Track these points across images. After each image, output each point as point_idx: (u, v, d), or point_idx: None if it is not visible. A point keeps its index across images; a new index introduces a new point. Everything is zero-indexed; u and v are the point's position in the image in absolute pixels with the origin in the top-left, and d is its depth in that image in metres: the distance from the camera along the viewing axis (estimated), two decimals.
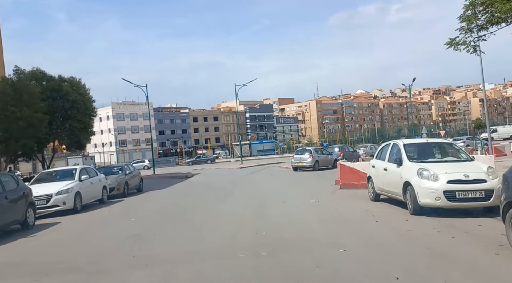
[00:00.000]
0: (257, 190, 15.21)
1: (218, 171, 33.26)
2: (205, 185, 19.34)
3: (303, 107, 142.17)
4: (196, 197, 14.28)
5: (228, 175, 26.29)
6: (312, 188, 14.47)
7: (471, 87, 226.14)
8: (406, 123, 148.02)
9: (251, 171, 28.75)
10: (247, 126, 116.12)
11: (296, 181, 17.99)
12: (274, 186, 16.64)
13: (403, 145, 8.59)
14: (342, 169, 13.17)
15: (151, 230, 8.04)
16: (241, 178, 22.29)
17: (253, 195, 13.21)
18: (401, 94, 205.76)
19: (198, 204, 11.99)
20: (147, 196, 16.47)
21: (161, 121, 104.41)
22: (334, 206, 9.45)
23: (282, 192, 13.75)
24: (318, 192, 13.04)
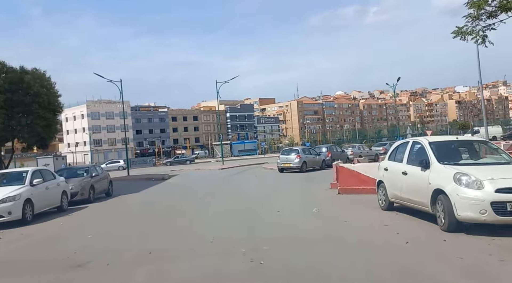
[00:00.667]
0: (243, 195, 13.37)
1: (197, 172, 31.27)
2: (183, 189, 17.35)
3: (284, 107, 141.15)
4: (171, 205, 12.33)
5: (209, 176, 24.39)
6: (306, 193, 12.78)
7: (446, 89, 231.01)
8: (385, 124, 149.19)
9: (233, 172, 26.93)
10: (227, 126, 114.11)
11: (285, 184, 16.24)
12: (262, 190, 14.81)
13: (428, 143, 6.94)
14: (341, 171, 11.52)
15: (104, 258, 5.79)
16: (223, 180, 20.43)
17: (240, 202, 11.40)
18: (379, 96, 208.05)
19: (173, 215, 10.07)
20: (116, 202, 14.42)
21: (138, 120, 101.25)
22: (342, 217, 7.70)
23: (273, 198, 11.97)
24: (314, 197, 11.36)
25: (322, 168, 23.72)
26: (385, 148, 30.16)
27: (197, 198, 13.28)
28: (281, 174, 21.95)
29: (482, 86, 19.85)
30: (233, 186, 16.83)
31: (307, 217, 8.09)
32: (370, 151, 28.83)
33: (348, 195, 11.06)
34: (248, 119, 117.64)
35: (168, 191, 17.11)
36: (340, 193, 11.33)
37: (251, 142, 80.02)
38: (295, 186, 15.39)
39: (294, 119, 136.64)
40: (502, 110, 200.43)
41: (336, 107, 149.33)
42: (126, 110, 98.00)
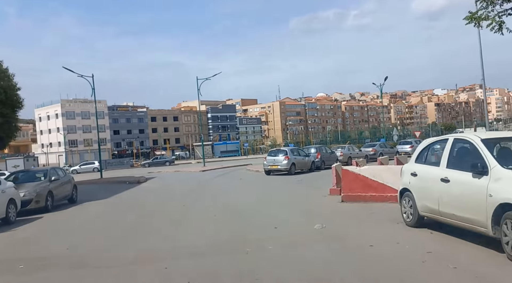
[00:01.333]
0: (229, 203, 11.38)
1: (177, 174, 29.14)
2: (159, 195, 15.28)
3: (266, 108, 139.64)
4: (141, 216, 10.31)
5: (189, 179, 22.36)
6: (303, 200, 10.97)
7: (425, 92, 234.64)
8: (367, 125, 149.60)
9: (215, 174, 24.97)
10: (209, 127, 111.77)
11: (275, 189, 14.37)
12: (250, 196, 12.85)
13: (481, 141, 5.21)
14: (346, 175, 9.74)
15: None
16: (205, 184, 18.44)
17: (226, 213, 9.51)
18: (360, 98, 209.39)
19: (141, 231, 8.06)
20: (77, 211, 12.28)
21: (116, 120, 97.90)
22: (363, 240, 5.80)
23: (265, 208, 10.09)
24: (315, 206, 9.57)
25: (312, 170, 22.05)
26: (375, 149, 28.79)
27: (174, 207, 11.29)
28: (268, 177, 20.13)
29: (485, 89, 18.53)
30: (216, 192, 14.87)
31: (315, 239, 6.19)
32: (360, 152, 27.35)
33: (354, 203, 9.33)
34: (230, 120, 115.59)
35: (142, 197, 15.04)
36: (344, 200, 9.57)
37: (234, 142, 77.94)
38: (287, 191, 13.59)
39: (276, 121, 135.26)
40: (479, 113, 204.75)
41: (319, 108, 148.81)
42: (103, 110, 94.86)
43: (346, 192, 9.62)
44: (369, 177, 9.36)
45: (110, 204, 13.37)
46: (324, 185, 14.32)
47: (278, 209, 9.64)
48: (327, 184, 14.38)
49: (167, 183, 21.05)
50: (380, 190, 9.21)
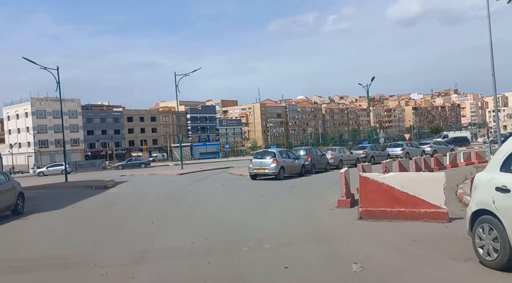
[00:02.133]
0: (214, 221, 8.66)
1: (151, 178, 26.45)
2: (124, 205, 12.60)
3: (246, 110, 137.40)
4: (98, 236, 7.79)
5: (164, 184, 19.79)
6: (305, 215, 8.65)
7: (402, 96, 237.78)
8: (346, 128, 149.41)
9: (194, 178, 22.47)
10: (188, 128, 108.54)
11: (267, 199, 11.93)
12: (240, 209, 10.27)
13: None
14: (365, 184, 7.49)
15: None
16: (181, 191, 15.94)
17: (209, 236, 7.05)
18: (339, 101, 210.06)
19: (90, 261, 5.60)
20: (18, 226, 9.62)
21: (90, 120, 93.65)
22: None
23: (261, 228, 7.57)
24: (325, 226, 7.27)
25: (301, 175, 19.88)
26: (366, 151, 26.92)
27: (139, 224, 8.78)
28: (255, 182, 17.81)
29: (496, 93, 16.84)
30: (195, 201, 12.38)
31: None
32: (351, 154, 25.39)
33: (377, 221, 7.12)
34: (209, 121, 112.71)
35: (102, 208, 12.39)
36: (363, 217, 7.33)
37: (214, 144, 75.10)
38: (281, 201, 11.24)
39: (257, 122, 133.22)
40: (454, 117, 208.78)
41: (299, 110, 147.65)
42: (76, 109, 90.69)
43: (366, 206, 7.39)
44: (396, 187, 7.16)
45: (60, 217, 10.70)
46: (324, 193, 12.14)
47: (280, 230, 7.27)
48: (327, 192, 12.21)
49: (138, 188, 18.42)
50: (410, 204, 7.03)
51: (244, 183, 17.58)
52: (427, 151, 31.60)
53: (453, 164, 22.10)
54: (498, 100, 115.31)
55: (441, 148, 33.01)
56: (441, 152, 33.08)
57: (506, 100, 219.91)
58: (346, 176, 9.12)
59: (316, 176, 19.86)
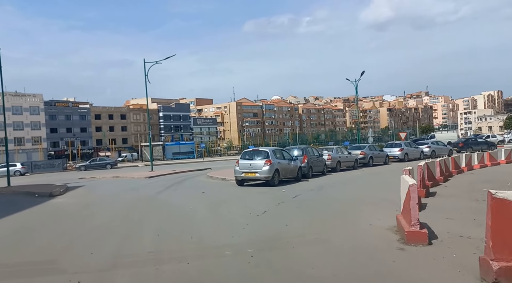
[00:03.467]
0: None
1: (114, 181, 22.15)
2: (56, 230, 8.18)
3: (222, 108, 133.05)
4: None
5: (126, 192, 15.69)
6: (365, 267, 4.85)
7: (376, 98, 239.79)
8: (323, 129, 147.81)
9: (166, 183, 18.43)
10: (160, 127, 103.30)
11: (275, 222, 7.82)
12: (238, 249, 5.91)
13: None
14: (501, 212, 3.86)
15: None
16: (147, 203, 11.93)
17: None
18: (314, 102, 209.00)
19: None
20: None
21: (53, 117, 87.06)
22: None
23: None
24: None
25: (298, 179, 16.29)
26: (364, 152, 23.63)
27: (66, 267, 4.84)
28: (243, 189, 14.03)
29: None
30: (164, 223, 8.34)
31: None
32: (350, 155, 22.01)
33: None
34: (183, 120, 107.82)
35: (22, 233, 8.24)
36: (499, 280, 3.71)
37: (188, 143, 70.30)
38: (299, 226, 7.36)
39: (232, 122, 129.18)
40: (427, 119, 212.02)
41: (276, 110, 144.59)
42: (38, 105, 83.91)
43: (504, 253, 3.76)
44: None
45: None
46: (351, 209, 8.53)
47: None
48: (354, 208, 8.67)
49: (90, 198, 14.23)
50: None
51: (230, 191, 13.76)
52: (425, 151, 28.73)
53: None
54: (467, 103, 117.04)
55: (439, 148, 30.24)
56: (440, 153, 30.31)
57: (476, 103, 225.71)
58: (410, 189, 5.50)
59: (315, 180, 16.30)
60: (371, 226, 6.53)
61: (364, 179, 16.58)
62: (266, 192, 12.92)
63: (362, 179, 16.80)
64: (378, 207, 8.56)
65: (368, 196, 10.76)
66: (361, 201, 9.90)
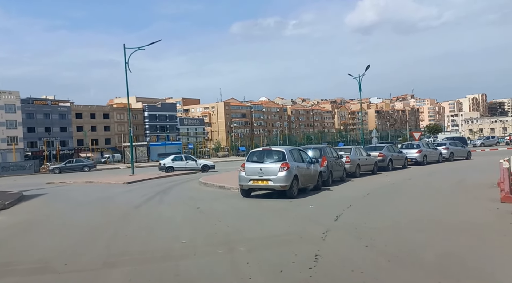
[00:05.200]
0: None
1: (84, 188, 18.17)
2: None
3: (210, 109, 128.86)
4: None
5: (94, 206, 11.87)
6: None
7: (362, 100, 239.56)
8: (312, 130, 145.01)
9: (148, 191, 14.64)
10: (145, 127, 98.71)
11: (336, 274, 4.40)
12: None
13: None
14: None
15: None
16: (110, 235, 8.17)
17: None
18: (302, 103, 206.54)
19: None
20: None
21: (31, 115, 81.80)
22: None
23: None
24: None
25: (318, 188, 12.74)
26: (382, 153, 20.22)
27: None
28: (251, 202, 10.38)
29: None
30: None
31: None
32: (369, 157, 18.57)
33: None
34: (169, 120, 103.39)
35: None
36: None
37: (175, 143, 65.77)
38: None
39: (220, 122, 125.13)
40: (414, 121, 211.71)
41: (265, 111, 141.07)
42: (15, 103, 78.61)
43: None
44: None
45: None
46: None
47: None
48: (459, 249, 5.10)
49: (41, 216, 10.34)
50: None
51: (236, 207, 10.07)
52: (444, 153, 25.53)
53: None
54: (453, 105, 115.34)
55: (458, 150, 27.09)
56: (459, 154, 27.22)
57: (461, 106, 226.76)
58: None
59: (339, 189, 12.77)
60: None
61: (405, 189, 13.05)
62: (286, 207, 9.31)
63: (400, 187, 13.29)
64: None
65: (447, 216, 7.26)
66: (455, 228, 6.39)
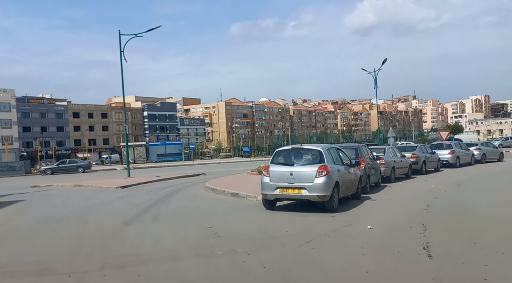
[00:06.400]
0: None
1: (71, 193, 15.46)
2: None
3: (210, 109, 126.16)
4: None
5: (66, 222, 9.22)
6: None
7: (364, 101, 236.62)
8: (314, 131, 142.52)
9: (143, 199, 11.98)
10: (145, 127, 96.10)
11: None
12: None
13: None
14: None
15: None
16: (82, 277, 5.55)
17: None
18: (303, 104, 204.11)
19: None
20: None
21: (26, 114, 79.17)
22: None
23: None
24: None
25: (357, 197, 10.08)
26: (416, 154, 17.54)
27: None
28: (279, 218, 7.74)
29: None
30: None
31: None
32: (404, 159, 15.94)
33: None
34: (169, 120, 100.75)
35: None
36: None
37: (175, 143, 62.85)
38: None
39: (221, 123, 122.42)
40: (417, 122, 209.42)
41: (266, 111, 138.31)
42: (10, 102, 75.96)
43: None
44: None
45: None
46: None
47: None
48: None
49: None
50: None
51: (263, 226, 7.41)
52: (476, 154, 22.92)
53: None
54: (456, 107, 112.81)
55: (490, 151, 24.47)
56: (491, 156, 24.59)
57: (464, 107, 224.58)
58: None
59: (383, 197, 10.13)
60: None
61: (476, 200, 10.38)
62: (335, 228, 6.65)
63: (465, 198, 10.64)
64: None
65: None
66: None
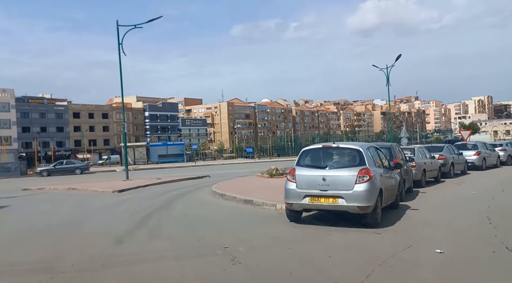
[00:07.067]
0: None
1: (62, 198, 13.80)
2: None
3: (212, 109, 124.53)
4: None
5: (46, 236, 7.60)
6: None
7: (366, 102, 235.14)
8: (317, 132, 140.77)
9: (142, 206, 10.33)
10: (146, 127, 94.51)
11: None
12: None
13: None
14: None
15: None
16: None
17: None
18: (305, 105, 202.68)
19: None
20: None
21: (26, 114, 77.64)
22: None
23: None
24: None
25: (396, 206, 8.39)
26: (443, 155, 15.84)
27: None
28: (317, 238, 6.08)
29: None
30: None
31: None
32: (434, 161, 14.25)
33: None
34: (171, 121, 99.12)
35: None
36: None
37: (177, 144, 61.06)
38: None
39: (223, 123, 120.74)
40: (420, 123, 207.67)
41: (269, 112, 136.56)
42: (9, 101, 74.51)
43: None
44: None
45: None
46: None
47: None
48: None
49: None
50: None
51: (293, 246, 5.78)
52: (501, 156, 21.26)
53: None
54: (459, 108, 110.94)
55: None
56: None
57: (467, 108, 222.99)
58: None
59: (423, 205, 8.48)
60: None
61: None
62: (391, 252, 5.01)
63: (507, 201, 8.96)
64: None
65: None
66: None
